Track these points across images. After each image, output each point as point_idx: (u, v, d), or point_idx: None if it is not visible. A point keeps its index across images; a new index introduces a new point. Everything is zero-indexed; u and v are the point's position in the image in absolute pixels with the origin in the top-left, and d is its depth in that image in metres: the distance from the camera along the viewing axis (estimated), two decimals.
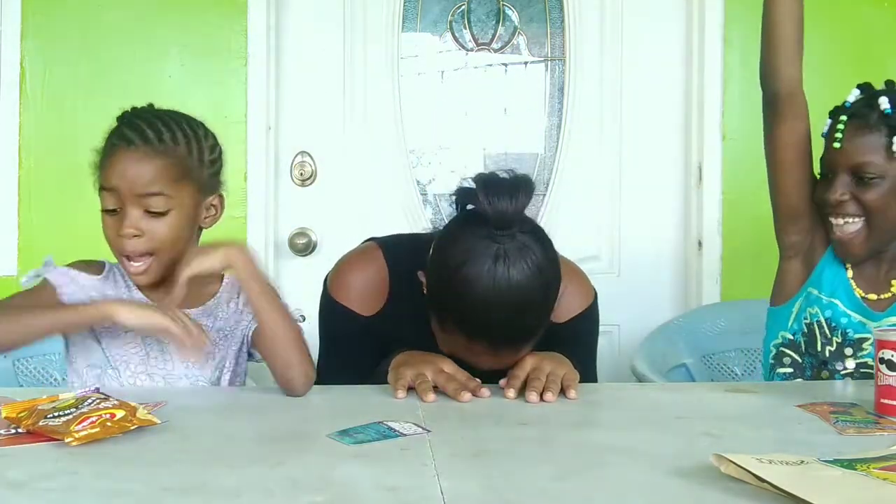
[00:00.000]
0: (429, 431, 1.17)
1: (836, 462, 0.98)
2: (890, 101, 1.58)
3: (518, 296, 1.33)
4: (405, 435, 1.15)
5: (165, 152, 1.42)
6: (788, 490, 0.88)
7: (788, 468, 0.94)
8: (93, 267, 1.52)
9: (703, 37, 2.59)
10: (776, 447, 1.07)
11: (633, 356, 2.09)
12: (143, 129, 1.42)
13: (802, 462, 0.96)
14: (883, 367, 1.28)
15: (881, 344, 1.29)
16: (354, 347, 1.58)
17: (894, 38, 2.62)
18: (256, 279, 1.43)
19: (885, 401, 1.28)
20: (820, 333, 1.66)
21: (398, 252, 1.60)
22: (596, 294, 1.63)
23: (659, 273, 2.67)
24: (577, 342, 1.58)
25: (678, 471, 1.01)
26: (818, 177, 1.68)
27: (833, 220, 1.63)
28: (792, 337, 1.71)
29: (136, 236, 1.41)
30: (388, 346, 1.52)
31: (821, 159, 1.66)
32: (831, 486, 0.91)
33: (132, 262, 1.43)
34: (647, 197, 2.66)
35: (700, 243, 2.61)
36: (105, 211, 1.43)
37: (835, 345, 1.65)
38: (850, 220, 1.61)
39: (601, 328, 1.68)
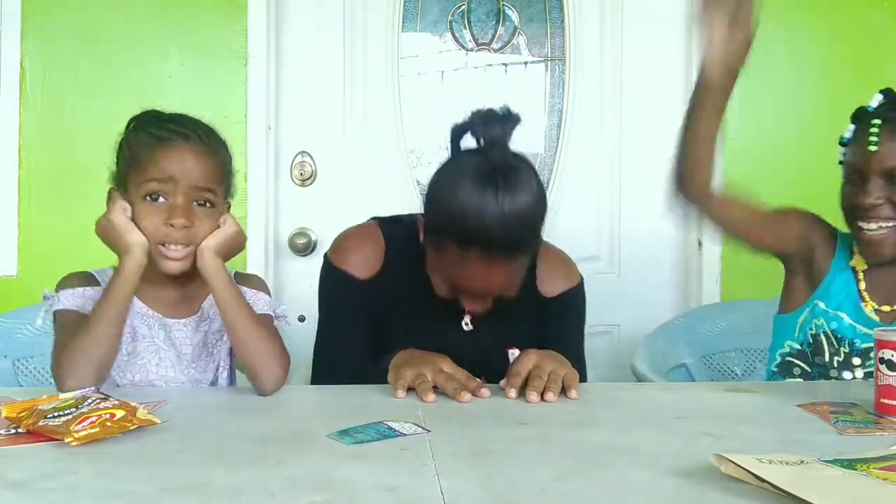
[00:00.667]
0: (429, 431, 1.17)
1: (836, 462, 0.98)
2: None
3: (510, 202, 1.40)
4: (405, 435, 1.15)
5: (215, 153, 1.48)
6: (788, 490, 0.88)
7: (788, 468, 0.94)
8: (90, 280, 1.51)
9: None
10: (776, 447, 1.07)
11: (633, 356, 2.08)
12: (194, 127, 1.47)
13: (802, 462, 0.97)
14: (883, 367, 1.28)
15: (881, 344, 1.29)
16: (351, 313, 1.62)
17: (894, 38, 2.62)
18: (222, 277, 1.43)
19: (885, 401, 1.28)
20: (827, 343, 1.66)
21: (395, 229, 1.67)
22: (582, 279, 1.71)
23: (659, 273, 2.67)
24: (567, 317, 1.67)
25: (678, 471, 1.01)
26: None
27: (864, 225, 1.61)
28: (800, 347, 1.71)
29: (185, 227, 1.41)
30: (383, 313, 1.59)
31: (846, 163, 1.64)
32: (831, 486, 0.91)
33: (174, 246, 1.42)
34: (647, 197, 2.65)
35: (700, 243, 2.61)
36: (149, 198, 1.41)
37: (842, 355, 1.65)
38: (884, 223, 1.59)
39: (601, 328, 1.69)
